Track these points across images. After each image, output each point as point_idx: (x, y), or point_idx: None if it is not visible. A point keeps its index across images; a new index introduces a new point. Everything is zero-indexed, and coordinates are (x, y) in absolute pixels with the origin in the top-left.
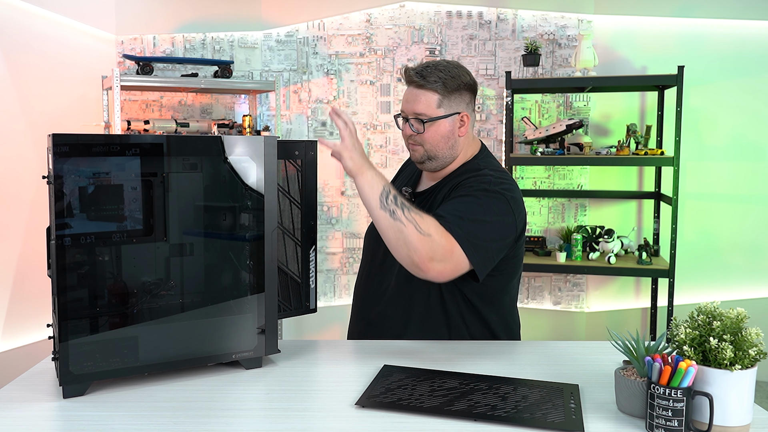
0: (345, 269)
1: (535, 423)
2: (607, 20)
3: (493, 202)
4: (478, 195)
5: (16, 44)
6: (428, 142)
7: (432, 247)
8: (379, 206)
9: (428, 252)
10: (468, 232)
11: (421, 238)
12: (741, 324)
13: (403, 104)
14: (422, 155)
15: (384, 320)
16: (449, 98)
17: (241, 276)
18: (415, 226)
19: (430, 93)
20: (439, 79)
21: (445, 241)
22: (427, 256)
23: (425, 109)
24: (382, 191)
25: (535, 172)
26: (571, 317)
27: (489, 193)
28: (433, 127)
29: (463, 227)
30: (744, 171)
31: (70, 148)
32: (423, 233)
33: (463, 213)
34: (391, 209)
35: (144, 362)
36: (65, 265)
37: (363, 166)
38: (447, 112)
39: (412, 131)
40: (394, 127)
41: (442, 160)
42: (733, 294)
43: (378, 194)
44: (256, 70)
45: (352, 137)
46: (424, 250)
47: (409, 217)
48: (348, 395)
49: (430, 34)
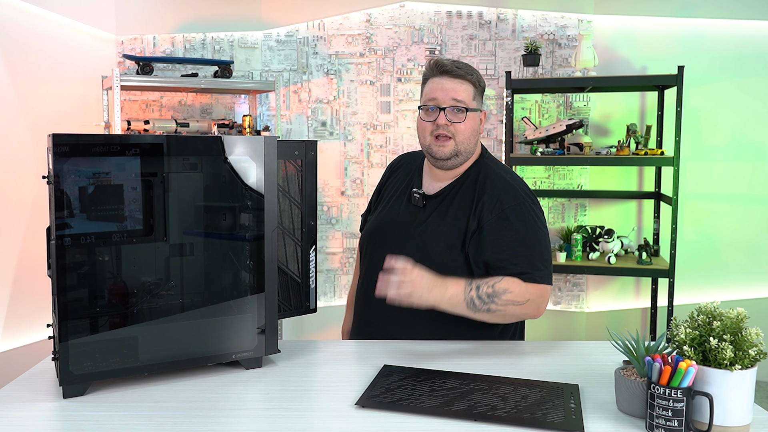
0: (345, 269)
1: (535, 423)
2: (607, 20)
3: (534, 220)
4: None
5: (16, 44)
6: (462, 133)
7: (537, 305)
8: (474, 313)
9: (535, 311)
10: (543, 267)
11: (524, 308)
12: (741, 324)
13: (435, 93)
14: (452, 150)
15: (408, 321)
16: (479, 94)
17: (241, 276)
18: (513, 304)
19: (467, 84)
20: (474, 74)
21: (539, 292)
22: (536, 313)
23: (466, 98)
24: (467, 304)
25: (535, 172)
26: (571, 317)
27: (523, 208)
28: (470, 118)
29: (540, 268)
30: (744, 171)
31: (70, 148)
32: (523, 304)
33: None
34: (485, 308)
35: (144, 362)
36: (65, 265)
37: (436, 300)
38: (478, 106)
39: (447, 121)
40: (394, 127)
41: (465, 156)
42: (733, 294)
43: (465, 308)
44: (256, 70)
45: (414, 287)
46: (531, 312)
47: (503, 302)
48: (348, 395)
49: (430, 34)
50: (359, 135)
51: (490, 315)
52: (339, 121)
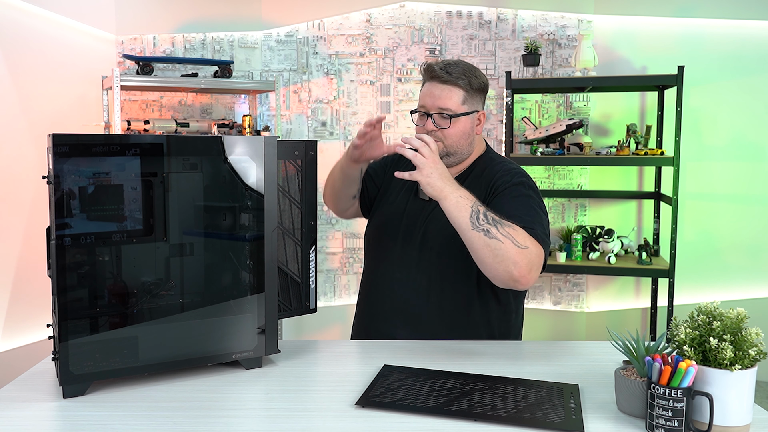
0: (345, 269)
1: (535, 423)
2: (607, 20)
3: (540, 200)
4: (529, 194)
5: (16, 44)
6: (450, 137)
7: (530, 259)
8: (471, 227)
9: (527, 264)
10: (545, 235)
11: (520, 252)
12: (741, 324)
13: (425, 99)
14: (441, 151)
15: (417, 319)
16: (472, 96)
17: (241, 276)
18: (513, 242)
19: (456, 89)
20: (465, 77)
21: (538, 250)
22: (526, 268)
23: (451, 105)
24: (471, 212)
25: (535, 172)
26: (571, 317)
27: (529, 188)
28: (457, 123)
29: (544, 233)
30: (744, 171)
31: (70, 148)
32: (521, 247)
33: (533, 215)
34: (485, 228)
35: (144, 362)
36: (65, 265)
37: (444, 190)
38: (469, 109)
39: (434, 127)
40: (394, 127)
41: (459, 156)
42: (733, 294)
43: (467, 216)
44: (256, 70)
45: (428, 162)
46: (524, 263)
47: (504, 233)
48: (348, 395)
49: (430, 34)
50: None
51: (485, 239)
52: (339, 121)
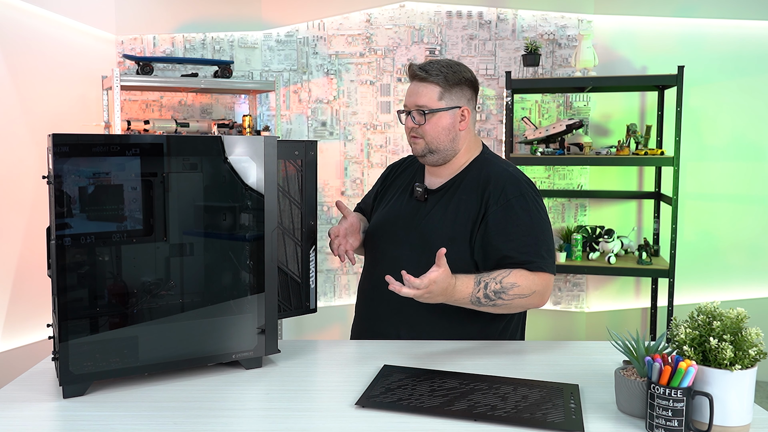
0: (345, 269)
1: (535, 423)
2: (607, 20)
3: (538, 210)
4: (525, 209)
5: (16, 44)
6: (429, 134)
7: (541, 295)
8: (480, 308)
9: (539, 300)
10: (548, 256)
11: (529, 300)
12: (741, 324)
13: (406, 99)
14: (423, 148)
15: (416, 319)
16: (450, 91)
17: (241, 276)
18: (520, 297)
19: (431, 86)
20: (440, 73)
21: (545, 282)
22: (540, 303)
23: (427, 101)
24: (472, 302)
25: (535, 172)
26: (571, 317)
27: (525, 199)
28: (434, 119)
29: (545, 257)
30: (744, 171)
31: (70, 148)
32: (529, 295)
33: (533, 241)
34: (491, 305)
35: (144, 362)
36: (65, 265)
37: (447, 300)
38: (448, 105)
39: (413, 123)
40: (394, 127)
41: (443, 153)
42: (733, 294)
43: (471, 304)
44: (256, 70)
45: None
46: (536, 302)
47: (510, 297)
48: (348, 395)
49: (430, 34)
50: (359, 135)
51: (495, 308)
52: (339, 121)
